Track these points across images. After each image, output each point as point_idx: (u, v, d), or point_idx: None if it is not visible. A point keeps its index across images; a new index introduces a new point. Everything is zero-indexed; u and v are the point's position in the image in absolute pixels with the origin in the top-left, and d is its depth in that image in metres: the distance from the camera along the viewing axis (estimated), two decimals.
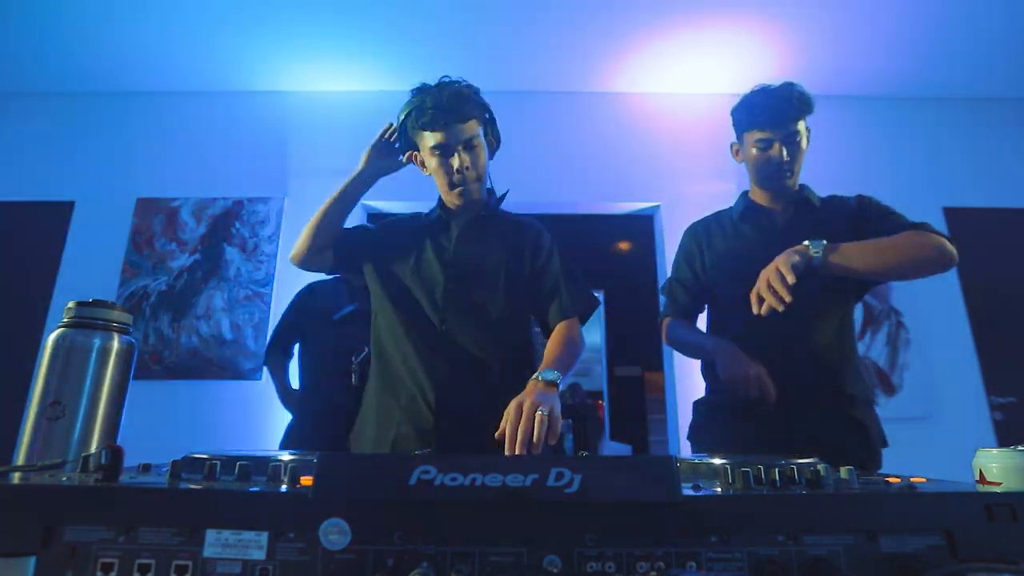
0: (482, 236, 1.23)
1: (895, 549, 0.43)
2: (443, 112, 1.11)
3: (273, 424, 2.59)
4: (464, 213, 1.24)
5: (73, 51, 2.88)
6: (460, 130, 1.13)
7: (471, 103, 1.14)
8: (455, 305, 1.16)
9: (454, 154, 1.14)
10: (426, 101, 1.12)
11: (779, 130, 1.26)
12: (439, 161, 1.16)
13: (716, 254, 1.37)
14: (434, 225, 1.25)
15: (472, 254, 1.20)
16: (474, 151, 1.16)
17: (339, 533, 0.42)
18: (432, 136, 1.14)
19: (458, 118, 1.12)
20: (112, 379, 0.72)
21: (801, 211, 1.33)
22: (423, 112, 1.12)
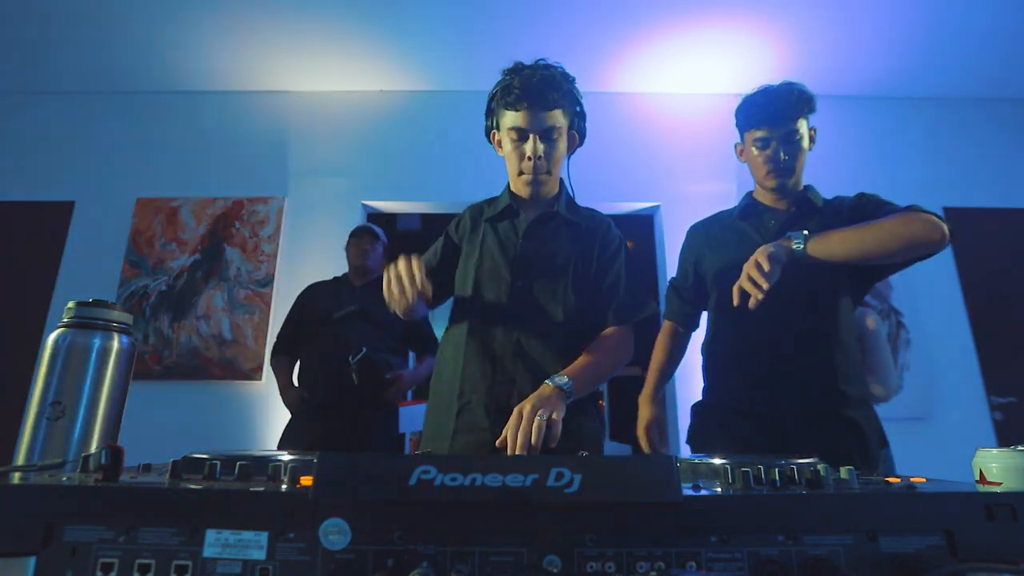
0: (550, 233, 1.17)
1: (895, 549, 0.43)
2: (528, 95, 1.06)
3: (273, 424, 2.59)
4: (534, 206, 1.19)
5: (73, 51, 2.88)
6: (542, 117, 1.08)
7: (560, 92, 1.08)
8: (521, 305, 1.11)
9: (529, 139, 1.10)
10: (515, 81, 1.08)
11: (777, 128, 1.26)
12: (514, 145, 1.12)
13: (715, 252, 1.37)
14: (500, 216, 1.19)
15: (539, 252, 1.14)
16: (551, 142, 1.11)
17: (339, 533, 0.42)
18: (512, 117, 1.09)
19: (542, 104, 1.07)
20: (112, 379, 0.72)
21: (802, 211, 1.32)
22: (509, 91, 1.08)
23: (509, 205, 1.19)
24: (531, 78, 1.06)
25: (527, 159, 1.11)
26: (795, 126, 1.26)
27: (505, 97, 1.09)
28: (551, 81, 1.07)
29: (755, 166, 1.33)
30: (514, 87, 1.07)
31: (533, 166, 1.11)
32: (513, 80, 1.08)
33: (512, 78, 1.09)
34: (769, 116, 1.26)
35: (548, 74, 1.08)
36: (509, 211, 1.19)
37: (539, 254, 1.14)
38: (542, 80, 1.06)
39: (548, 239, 1.16)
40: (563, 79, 1.10)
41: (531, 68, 1.09)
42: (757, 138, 1.30)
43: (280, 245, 2.90)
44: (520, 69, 1.10)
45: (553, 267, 1.13)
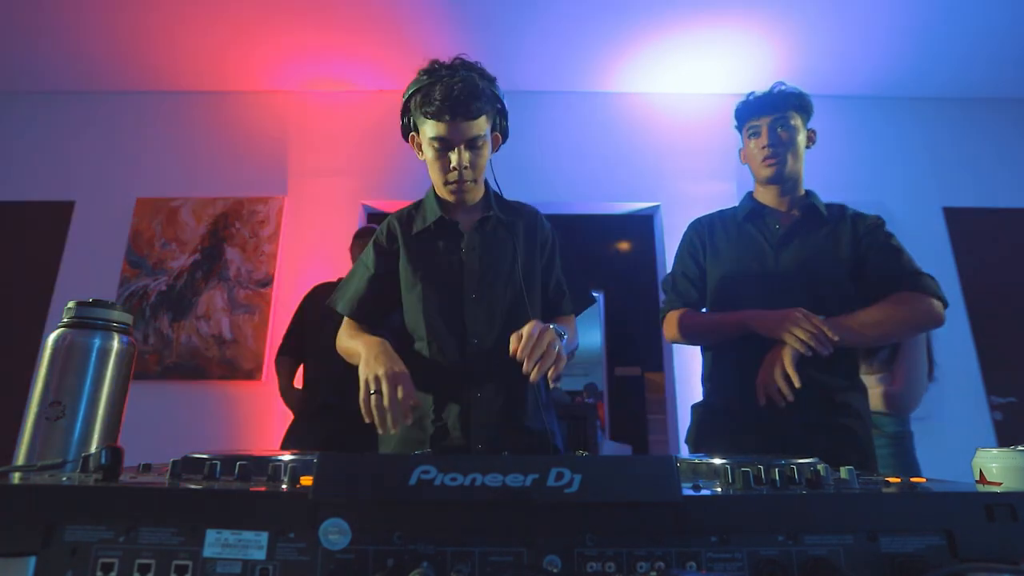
0: (490, 239, 1.15)
1: (895, 549, 0.43)
2: (450, 106, 1.01)
3: (273, 424, 2.59)
4: (466, 214, 1.17)
5: (73, 51, 2.88)
6: (466, 127, 1.03)
7: (483, 98, 1.04)
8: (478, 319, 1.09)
9: (454, 150, 1.06)
10: (434, 91, 1.02)
11: (767, 116, 1.31)
12: (436, 154, 1.08)
13: (718, 251, 1.37)
14: (436, 229, 1.15)
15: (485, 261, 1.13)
16: (476, 150, 1.07)
17: (339, 533, 0.42)
18: (434, 127, 1.04)
19: (465, 114, 1.02)
20: (112, 379, 0.72)
21: (807, 216, 1.32)
22: (429, 101, 1.03)
23: (441, 217, 1.14)
24: (451, 87, 1.01)
25: (452, 169, 1.07)
26: (786, 114, 1.30)
27: (425, 106, 1.03)
28: (473, 89, 1.02)
29: (752, 158, 1.36)
30: (434, 97, 1.02)
31: (459, 176, 1.07)
32: (433, 89, 1.03)
33: (431, 85, 1.03)
34: (760, 106, 1.32)
35: (469, 80, 1.02)
36: (443, 223, 1.15)
37: (486, 263, 1.12)
38: (464, 89, 1.01)
39: (491, 246, 1.14)
40: (484, 82, 1.06)
41: (450, 72, 1.04)
42: (751, 126, 1.34)
43: (280, 245, 2.90)
44: (438, 72, 1.05)
45: (501, 273, 1.12)
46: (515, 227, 1.17)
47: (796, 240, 1.30)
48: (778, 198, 1.35)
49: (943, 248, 2.95)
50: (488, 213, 1.16)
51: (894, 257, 1.25)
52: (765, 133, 1.30)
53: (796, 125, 1.31)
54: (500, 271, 1.13)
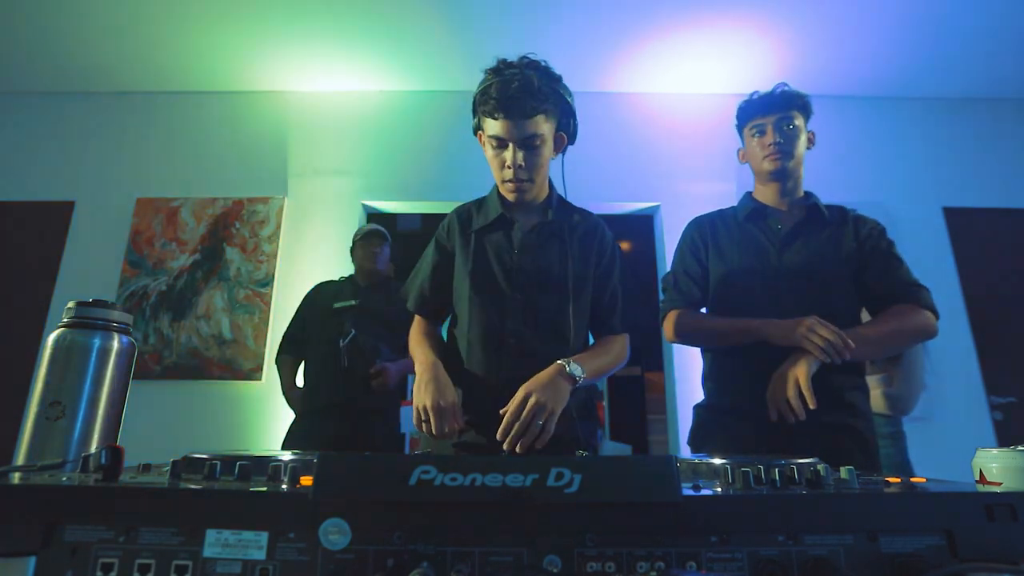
0: (546, 243, 1.14)
1: (895, 549, 0.43)
2: (505, 104, 1.02)
3: (273, 424, 2.59)
4: (525, 214, 1.16)
5: (73, 51, 2.88)
6: (522, 125, 1.03)
7: (540, 97, 1.03)
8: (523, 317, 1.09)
9: (508, 148, 1.07)
10: (492, 87, 1.03)
11: (771, 114, 1.31)
12: (494, 152, 1.09)
13: (720, 250, 1.37)
14: (493, 227, 1.16)
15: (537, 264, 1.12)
16: (532, 150, 1.07)
17: (339, 533, 0.42)
18: (491, 125, 1.06)
19: (520, 113, 1.02)
20: (112, 379, 0.72)
21: (809, 217, 1.33)
22: (486, 98, 1.04)
23: (501, 215, 1.15)
24: (509, 84, 1.02)
25: (507, 167, 1.08)
26: (790, 113, 1.31)
27: (483, 105, 1.05)
28: (529, 88, 1.02)
29: (754, 156, 1.36)
30: (491, 95, 1.03)
31: (514, 174, 1.08)
32: (491, 86, 1.04)
33: (491, 83, 1.05)
34: (764, 105, 1.33)
35: (527, 79, 1.03)
36: (502, 221, 1.16)
37: (536, 266, 1.12)
38: (520, 87, 1.02)
39: (545, 250, 1.14)
40: (544, 81, 1.06)
41: (510, 71, 1.05)
42: (754, 125, 1.34)
43: (280, 245, 2.90)
44: (500, 71, 1.06)
45: (552, 278, 1.12)
46: (572, 233, 1.16)
47: (799, 240, 1.30)
48: (778, 198, 1.35)
49: (943, 248, 2.95)
50: (547, 217, 1.16)
51: (894, 266, 1.26)
52: (771, 131, 1.31)
53: (799, 125, 1.32)
54: (548, 275, 1.12)
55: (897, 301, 1.22)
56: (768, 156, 1.31)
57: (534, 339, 1.08)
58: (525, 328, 1.09)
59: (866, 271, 1.26)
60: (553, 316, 1.10)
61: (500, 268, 1.12)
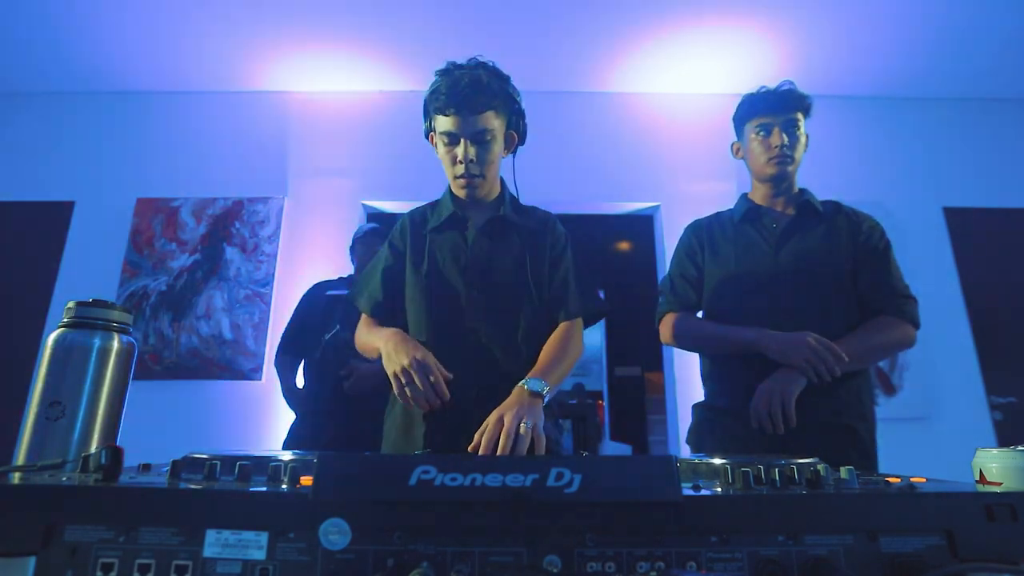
0: (499, 238, 1.16)
1: (895, 549, 0.43)
2: (455, 99, 1.05)
3: (273, 424, 2.59)
4: (478, 211, 1.18)
5: (73, 51, 2.88)
6: (472, 120, 1.06)
7: (490, 93, 1.07)
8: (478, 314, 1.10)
9: (460, 143, 1.09)
10: (442, 84, 1.06)
11: (779, 115, 1.30)
12: (446, 148, 1.11)
13: (717, 253, 1.37)
14: (446, 225, 1.18)
15: (490, 259, 1.14)
16: (483, 144, 1.09)
17: (339, 533, 0.42)
18: (443, 121, 1.08)
19: (470, 108, 1.05)
20: (112, 379, 0.72)
21: (803, 213, 1.33)
22: (437, 95, 1.07)
23: (454, 212, 1.17)
24: (459, 81, 1.05)
25: (459, 162, 1.10)
26: (795, 116, 1.31)
27: (434, 102, 1.08)
28: (479, 84, 1.05)
29: (756, 155, 1.34)
30: (441, 92, 1.06)
31: (465, 169, 1.10)
32: (441, 84, 1.07)
33: (440, 81, 1.08)
34: (772, 104, 1.31)
35: (476, 76, 1.06)
36: (454, 218, 1.17)
37: (490, 261, 1.14)
38: (470, 84, 1.05)
39: (497, 245, 1.15)
40: (494, 79, 1.09)
41: (460, 70, 1.08)
42: (760, 124, 1.32)
43: (280, 245, 2.90)
44: (449, 71, 1.09)
45: (505, 273, 1.13)
46: (524, 228, 1.18)
47: (794, 237, 1.31)
48: (773, 197, 1.36)
49: (943, 248, 2.95)
50: (498, 213, 1.18)
51: (886, 273, 1.27)
52: (777, 132, 1.30)
53: (801, 128, 1.32)
54: (503, 270, 1.13)
55: (884, 311, 1.24)
56: (773, 159, 1.31)
57: (491, 335, 1.09)
58: (482, 324, 1.09)
59: (860, 273, 1.27)
60: (509, 311, 1.11)
61: (454, 266, 1.14)
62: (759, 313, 1.25)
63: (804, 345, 1.12)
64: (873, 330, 1.22)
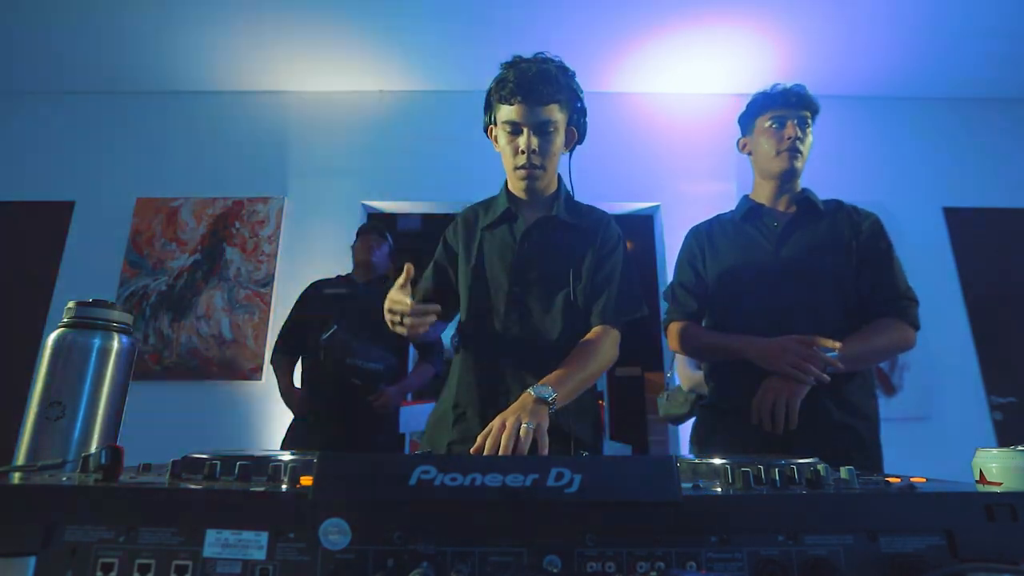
0: (548, 237, 1.14)
1: (895, 549, 0.43)
2: (522, 88, 1.04)
3: (273, 424, 2.59)
4: (531, 209, 1.17)
5: (73, 51, 2.88)
6: (537, 111, 1.05)
7: (557, 86, 1.06)
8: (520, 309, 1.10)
9: (523, 133, 1.08)
10: (510, 74, 1.06)
11: (794, 110, 1.31)
12: (508, 138, 1.10)
13: (718, 254, 1.37)
14: (498, 221, 1.17)
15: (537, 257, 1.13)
16: (547, 136, 1.08)
17: (339, 533, 0.42)
18: (507, 111, 1.07)
19: (537, 98, 1.05)
20: (112, 379, 0.72)
21: (804, 211, 1.33)
22: (504, 84, 1.06)
23: (507, 209, 1.16)
24: (527, 72, 1.04)
25: (520, 153, 1.09)
26: (807, 114, 1.32)
27: (500, 91, 1.07)
28: (547, 75, 1.05)
29: (766, 148, 1.34)
30: (509, 80, 1.05)
31: (527, 160, 1.09)
32: (508, 73, 1.06)
33: (508, 71, 1.07)
34: (788, 99, 1.32)
35: (545, 68, 1.06)
36: (507, 215, 1.17)
37: (537, 259, 1.12)
38: (538, 74, 1.04)
39: (546, 243, 1.14)
40: (561, 73, 1.08)
41: (528, 62, 1.07)
42: (775, 116, 1.32)
43: (280, 245, 2.90)
44: (517, 63, 1.08)
45: (551, 273, 1.11)
46: (575, 228, 1.16)
47: (795, 235, 1.31)
48: (775, 196, 1.36)
49: (943, 248, 2.95)
50: (551, 211, 1.16)
51: (889, 272, 1.27)
52: (792, 126, 1.30)
53: (810, 129, 1.33)
54: (548, 271, 1.12)
55: (886, 312, 1.24)
56: (784, 151, 1.30)
57: (531, 332, 1.09)
58: (523, 321, 1.09)
59: (862, 272, 1.27)
60: (550, 310, 1.10)
61: (500, 261, 1.13)
62: (761, 311, 1.25)
63: (787, 351, 1.11)
64: (874, 332, 1.21)
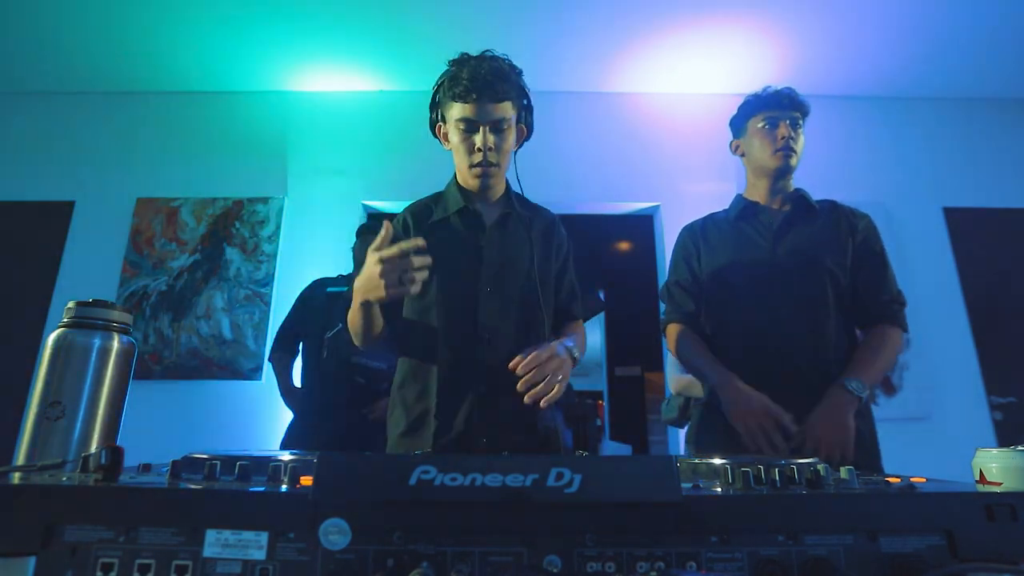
0: (511, 234, 1.16)
1: (895, 549, 0.43)
2: (477, 86, 1.04)
3: (273, 424, 2.59)
4: (488, 206, 1.17)
5: (73, 51, 2.88)
6: (491, 109, 1.05)
7: (509, 83, 1.07)
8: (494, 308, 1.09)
9: (479, 131, 1.08)
10: (462, 71, 1.05)
11: (786, 110, 1.33)
12: (462, 136, 1.10)
13: (714, 251, 1.38)
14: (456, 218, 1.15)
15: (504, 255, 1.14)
16: (501, 134, 1.09)
17: (339, 533, 0.42)
18: (461, 108, 1.07)
19: (492, 96, 1.05)
20: (112, 379, 0.72)
21: (798, 209, 1.34)
22: (457, 82, 1.05)
23: (465, 207, 1.15)
24: (479, 69, 1.04)
25: (477, 151, 1.09)
26: (798, 115, 1.33)
27: (453, 88, 1.06)
28: (500, 72, 1.05)
29: (759, 148, 1.35)
30: (462, 78, 1.05)
31: (483, 157, 1.09)
32: (461, 71, 1.06)
33: (460, 69, 1.07)
34: (780, 100, 1.34)
35: (496, 65, 1.06)
36: (466, 213, 1.15)
37: (505, 258, 1.13)
38: (491, 71, 1.04)
39: (511, 242, 1.15)
40: (511, 70, 1.09)
41: (478, 59, 1.07)
42: (767, 117, 1.34)
43: (280, 245, 2.90)
44: (467, 60, 1.08)
45: (518, 270, 1.13)
46: (533, 226, 1.19)
47: (791, 233, 1.32)
48: (769, 195, 1.37)
49: (943, 248, 2.95)
50: (509, 209, 1.18)
51: (881, 274, 1.28)
52: (785, 125, 1.32)
53: (802, 130, 1.35)
54: (517, 267, 1.14)
55: (878, 316, 1.25)
56: (779, 150, 1.32)
57: (508, 330, 1.09)
58: (498, 319, 1.09)
59: (857, 273, 1.28)
60: (524, 306, 1.11)
61: (467, 260, 1.12)
62: (758, 308, 1.26)
63: (750, 415, 1.11)
64: (880, 349, 1.23)
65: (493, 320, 1.09)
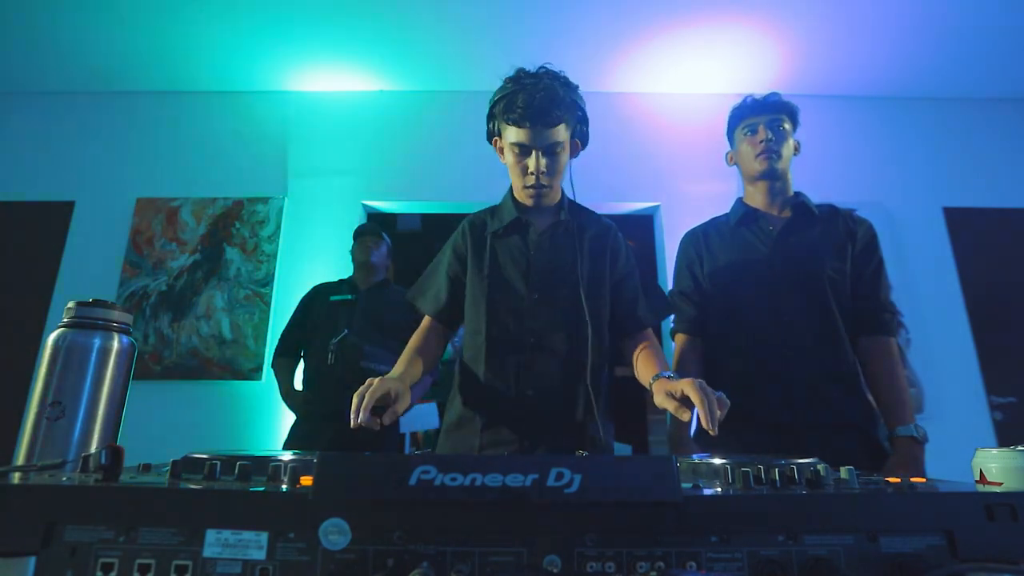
0: (560, 243, 1.17)
1: (895, 549, 0.43)
2: (531, 113, 1.05)
3: (273, 424, 2.59)
4: (540, 216, 1.19)
5: (73, 51, 2.88)
6: (545, 134, 1.07)
7: (563, 106, 1.07)
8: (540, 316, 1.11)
9: (532, 155, 1.10)
10: (518, 98, 1.06)
11: (763, 115, 1.34)
12: (516, 159, 1.12)
13: (716, 258, 1.38)
14: (508, 230, 1.19)
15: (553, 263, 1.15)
16: (554, 156, 1.10)
17: (339, 533, 0.42)
18: (515, 132, 1.08)
19: (545, 122, 1.06)
20: (112, 379, 0.72)
21: (799, 215, 1.34)
22: (511, 108, 1.07)
23: (517, 218, 1.18)
24: (534, 94, 1.04)
25: (530, 174, 1.11)
26: (779, 115, 1.34)
27: (507, 113, 1.08)
28: (554, 97, 1.05)
29: (745, 155, 1.37)
30: (517, 105, 1.05)
31: (536, 180, 1.11)
32: (516, 96, 1.06)
33: (515, 92, 1.07)
34: (756, 106, 1.36)
35: (551, 88, 1.06)
36: (517, 224, 1.18)
37: (553, 265, 1.14)
38: (545, 96, 1.05)
39: (559, 249, 1.16)
40: (565, 91, 1.09)
41: (533, 80, 1.07)
42: (747, 125, 1.36)
43: (280, 245, 2.90)
44: (522, 80, 1.08)
45: (568, 277, 1.13)
46: (584, 233, 1.19)
47: (791, 239, 1.32)
48: (768, 200, 1.37)
49: (943, 248, 2.95)
50: (559, 218, 1.19)
51: (878, 283, 1.30)
52: (762, 129, 1.33)
53: (787, 129, 1.35)
54: (565, 274, 1.14)
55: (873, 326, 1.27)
56: (760, 155, 1.33)
57: (553, 337, 1.10)
58: (543, 327, 1.10)
59: (857, 281, 1.29)
60: (570, 314, 1.11)
61: (516, 269, 1.14)
62: (759, 315, 1.26)
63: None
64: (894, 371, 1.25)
65: (540, 326, 1.10)
